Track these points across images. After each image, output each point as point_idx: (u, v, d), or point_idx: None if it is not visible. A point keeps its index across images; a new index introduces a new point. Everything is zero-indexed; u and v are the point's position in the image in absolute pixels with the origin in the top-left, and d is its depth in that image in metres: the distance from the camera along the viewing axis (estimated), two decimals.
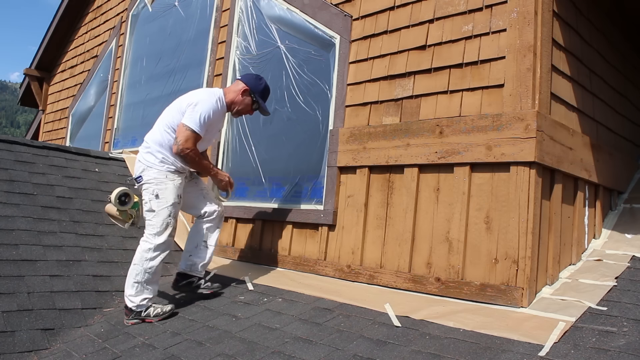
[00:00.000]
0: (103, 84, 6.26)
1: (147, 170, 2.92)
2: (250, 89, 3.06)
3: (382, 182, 2.97)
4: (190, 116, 2.87)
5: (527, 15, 2.46)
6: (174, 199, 2.89)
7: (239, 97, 3.05)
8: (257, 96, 3.08)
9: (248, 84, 3.07)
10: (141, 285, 2.81)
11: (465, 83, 2.67)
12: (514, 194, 2.39)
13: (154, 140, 2.97)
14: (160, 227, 2.84)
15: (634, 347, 1.80)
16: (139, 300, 2.81)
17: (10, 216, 3.42)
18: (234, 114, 3.13)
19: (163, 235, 2.85)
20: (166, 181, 2.89)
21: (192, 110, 2.88)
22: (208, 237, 3.10)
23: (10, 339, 2.59)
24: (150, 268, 2.82)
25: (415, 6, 2.96)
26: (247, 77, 3.14)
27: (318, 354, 2.16)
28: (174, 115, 2.96)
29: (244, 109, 3.10)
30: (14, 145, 4.18)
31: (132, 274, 2.83)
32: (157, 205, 2.85)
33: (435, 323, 2.25)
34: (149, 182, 2.90)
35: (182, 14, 5.05)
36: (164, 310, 2.84)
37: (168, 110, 3.06)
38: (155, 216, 2.85)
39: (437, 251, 2.64)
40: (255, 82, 3.09)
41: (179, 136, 2.86)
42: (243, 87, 3.05)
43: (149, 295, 2.84)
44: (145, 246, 2.84)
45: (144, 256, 2.82)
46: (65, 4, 7.20)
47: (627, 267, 2.55)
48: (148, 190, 2.89)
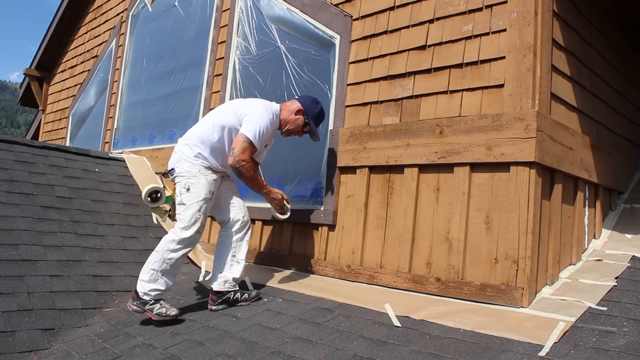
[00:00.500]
0: (103, 84, 6.26)
1: (180, 162, 2.84)
2: (305, 109, 2.97)
3: (382, 182, 2.97)
4: (248, 126, 2.77)
5: (527, 15, 2.46)
6: (205, 194, 2.80)
7: (292, 116, 2.97)
8: (310, 119, 2.98)
9: (304, 104, 2.98)
10: (157, 274, 2.74)
11: (465, 83, 2.67)
12: (514, 194, 2.39)
13: (197, 134, 2.88)
14: (188, 221, 2.76)
15: (634, 347, 1.80)
16: (149, 288, 2.73)
17: (10, 216, 3.42)
18: (283, 132, 3.03)
19: (190, 230, 2.76)
20: (199, 175, 2.81)
21: (250, 121, 2.79)
22: (237, 251, 2.95)
23: (10, 339, 2.59)
24: (170, 259, 2.75)
25: (415, 6, 2.96)
26: (304, 98, 3.05)
27: (318, 354, 2.16)
28: (229, 117, 2.87)
29: (294, 130, 3.01)
30: (14, 145, 4.18)
31: (151, 260, 2.76)
32: (187, 199, 2.78)
33: (435, 323, 2.25)
34: (181, 175, 2.83)
35: (182, 14, 5.05)
36: (168, 312, 2.74)
37: (221, 110, 2.98)
38: (185, 210, 2.78)
39: (437, 251, 2.64)
40: (312, 104, 3.00)
41: (236, 147, 2.75)
42: (298, 107, 2.97)
43: (161, 287, 2.75)
44: (171, 237, 2.77)
45: (167, 246, 2.76)
46: (65, 4, 7.20)
47: (627, 267, 2.55)
48: (180, 184, 2.82)
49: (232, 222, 2.95)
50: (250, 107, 2.88)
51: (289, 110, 2.98)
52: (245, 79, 4.05)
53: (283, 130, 3.02)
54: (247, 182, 2.84)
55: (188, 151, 2.85)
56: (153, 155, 4.93)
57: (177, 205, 2.82)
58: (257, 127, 2.78)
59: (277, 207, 3.01)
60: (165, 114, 4.99)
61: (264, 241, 3.64)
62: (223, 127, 2.85)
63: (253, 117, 2.80)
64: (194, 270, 3.72)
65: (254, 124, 2.78)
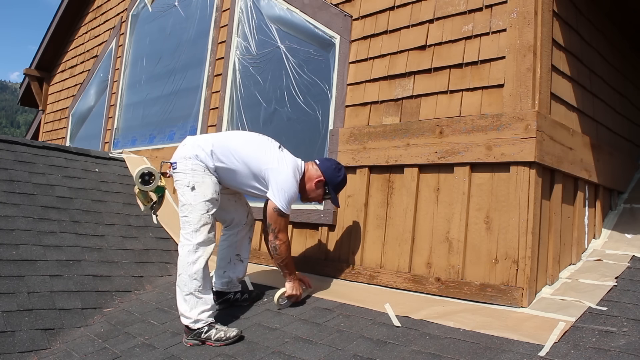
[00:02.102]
0: (103, 84, 6.26)
1: (186, 159, 2.60)
2: (326, 180, 2.75)
3: (382, 182, 2.97)
4: (280, 197, 2.57)
5: (527, 15, 2.46)
6: (212, 194, 2.58)
7: (312, 187, 2.76)
8: (330, 189, 2.76)
9: (325, 174, 2.75)
10: (193, 297, 2.47)
11: (465, 83, 2.67)
12: (514, 194, 2.39)
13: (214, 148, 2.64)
14: (197, 222, 2.52)
15: (634, 347, 1.80)
16: (196, 314, 2.46)
17: (10, 216, 3.42)
18: (303, 198, 2.85)
19: (201, 233, 2.52)
20: (204, 174, 2.59)
21: (280, 190, 2.58)
22: (241, 249, 2.89)
23: (10, 339, 2.59)
24: (196, 273, 2.48)
25: (415, 6, 2.96)
26: (326, 165, 2.79)
27: (318, 354, 2.16)
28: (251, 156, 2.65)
29: (314, 198, 2.83)
30: (14, 145, 4.18)
31: (180, 287, 2.51)
32: (193, 199, 2.54)
33: (435, 323, 2.25)
34: (184, 172, 2.58)
35: (182, 14, 5.05)
36: (227, 335, 2.43)
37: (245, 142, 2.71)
38: (192, 211, 2.53)
39: (437, 251, 2.64)
40: (334, 173, 2.76)
41: (273, 222, 2.58)
42: (319, 178, 2.74)
43: (205, 307, 2.48)
44: (185, 249, 2.52)
45: (185, 261, 2.50)
46: (65, 4, 7.20)
47: (627, 267, 2.55)
48: (182, 182, 2.58)
49: (237, 222, 2.88)
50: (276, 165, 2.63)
51: (310, 179, 2.76)
52: (245, 79, 4.05)
53: (303, 197, 2.83)
54: (280, 262, 2.63)
55: (200, 154, 2.61)
56: (153, 155, 4.93)
57: (180, 208, 2.58)
58: (287, 196, 2.59)
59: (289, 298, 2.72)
60: (165, 114, 4.99)
61: (263, 241, 3.63)
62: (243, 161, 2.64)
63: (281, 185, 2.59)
64: None
65: (284, 192, 2.58)
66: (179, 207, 2.60)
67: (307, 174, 2.78)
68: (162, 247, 3.93)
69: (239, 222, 2.88)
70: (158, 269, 3.68)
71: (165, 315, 2.91)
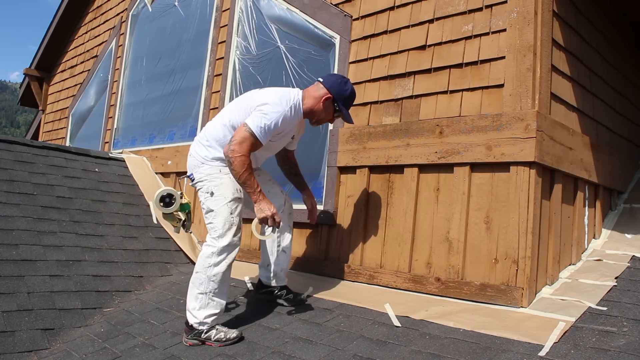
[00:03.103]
0: (103, 84, 6.26)
1: (198, 167, 2.56)
2: (333, 96, 2.57)
3: (382, 182, 2.97)
4: (255, 118, 2.43)
5: (527, 15, 2.46)
6: (232, 193, 2.49)
7: (319, 106, 2.58)
8: (340, 105, 2.59)
9: (331, 90, 2.57)
10: (206, 297, 2.42)
11: (465, 83, 2.67)
12: (514, 194, 2.39)
13: (210, 133, 2.59)
14: (222, 227, 2.44)
15: (634, 347, 1.80)
16: (203, 316, 2.42)
17: (10, 216, 3.42)
18: (313, 123, 2.69)
19: (227, 237, 2.44)
20: (220, 176, 2.51)
21: (259, 112, 2.44)
22: (281, 240, 2.74)
23: (10, 339, 2.59)
24: (215, 275, 2.42)
25: (415, 6, 2.96)
26: (331, 80, 2.61)
27: (318, 354, 2.16)
28: (240, 112, 2.54)
29: (324, 119, 2.66)
30: (14, 145, 4.18)
31: (194, 284, 2.45)
32: (214, 204, 2.47)
33: (435, 323, 2.25)
34: (201, 180, 2.54)
35: (182, 14, 5.05)
36: (227, 336, 2.41)
37: (234, 104, 2.64)
38: (215, 216, 2.47)
39: (437, 251, 2.64)
40: (340, 87, 2.59)
41: (236, 136, 2.42)
42: (325, 95, 2.57)
43: (214, 311, 2.44)
44: (208, 250, 2.45)
45: (206, 262, 2.43)
46: (65, 4, 7.20)
47: (627, 267, 2.55)
48: (202, 190, 2.54)
49: None
50: (262, 98, 2.52)
51: (315, 98, 2.59)
52: (245, 78, 4.05)
53: (312, 121, 2.68)
54: (237, 178, 2.45)
55: (204, 152, 2.57)
56: (153, 155, 4.93)
57: (205, 216, 2.52)
58: (264, 120, 2.41)
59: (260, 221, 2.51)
60: (165, 114, 4.99)
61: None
62: (231, 126, 2.54)
63: (263, 108, 2.45)
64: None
65: (261, 115, 2.43)
66: (204, 214, 2.54)
67: (310, 95, 2.60)
68: (162, 247, 3.93)
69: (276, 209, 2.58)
70: (158, 269, 3.68)
71: (165, 315, 2.91)
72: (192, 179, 2.60)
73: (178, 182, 2.88)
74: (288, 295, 2.76)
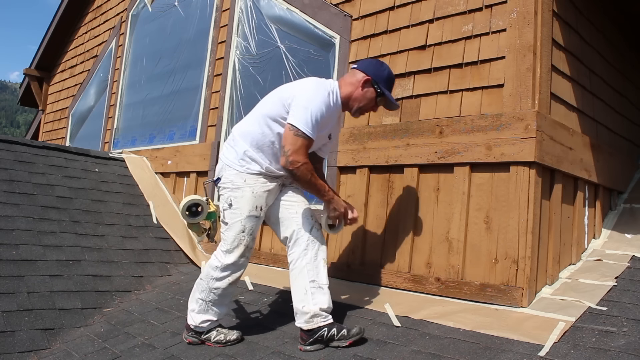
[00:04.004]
0: (103, 83, 6.26)
1: (225, 169, 2.37)
2: (372, 78, 2.32)
3: (382, 182, 2.97)
4: (297, 113, 2.19)
5: (527, 15, 2.46)
6: (249, 210, 2.29)
7: (358, 91, 2.33)
8: (381, 86, 2.33)
9: (368, 71, 2.33)
10: (205, 304, 2.37)
11: (465, 83, 2.67)
12: (514, 194, 2.39)
13: (240, 131, 2.38)
14: (230, 243, 2.30)
15: (634, 347, 1.80)
16: (200, 320, 2.39)
17: (10, 216, 3.42)
18: (354, 112, 2.41)
19: (232, 255, 2.30)
20: (243, 187, 2.30)
21: (297, 106, 2.21)
22: (316, 274, 2.30)
23: (10, 339, 2.59)
24: (217, 289, 2.34)
25: (415, 6, 2.96)
26: (366, 63, 2.41)
27: (318, 354, 2.16)
28: (274, 104, 2.31)
29: (366, 105, 2.38)
30: (14, 145, 4.18)
31: (197, 288, 2.41)
32: (229, 217, 2.32)
33: (435, 323, 2.25)
34: (224, 187, 2.34)
35: (182, 13, 5.05)
36: (227, 338, 2.39)
37: (266, 98, 2.43)
38: (227, 229, 2.32)
39: (437, 251, 2.64)
40: (377, 68, 2.36)
41: (287, 144, 2.17)
42: (363, 77, 2.33)
43: (212, 318, 2.39)
44: (213, 263, 2.35)
45: (210, 273, 2.35)
46: (65, 4, 7.19)
47: (627, 267, 2.55)
48: (223, 197, 2.35)
49: (297, 239, 2.34)
50: (297, 88, 2.30)
51: (353, 84, 2.35)
52: (245, 78, 4.05)
53: (353, 110, 2.40)
54: (305, 187, 2.29)
55: (232, 155, 2.35)
56: (153, 155, 4.93)
57: (222, 222, 2.38)
58: (309, 113, 2.17)
59: (333, 219, 2.41)
60: (165, 114, 4.99)
61: (263, 241, 3.64)
62: (268, 118, 2.30)
63: (301, 101, 2.21)
64: (194, 270, 3.72)
65: (303, 109, 2.19)
66: (221, 219, 2.40)
67: (346, 82, 2.37)
68: (162, 247, 3.93)
69: (301, 237, 2.33)
70: (158, 269, 3.68)
71: (165, 315, 2.92)
72: (217, 183, 2.42)
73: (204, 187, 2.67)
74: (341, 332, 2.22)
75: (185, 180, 4.48)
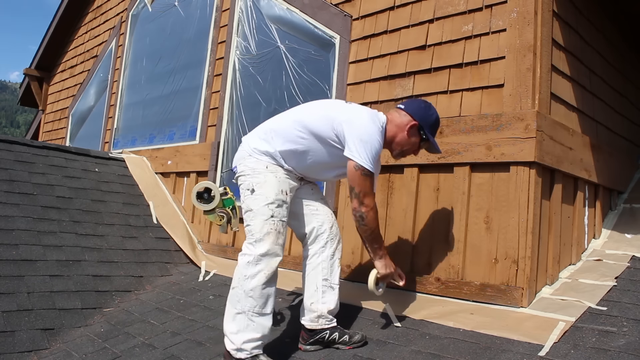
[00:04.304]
0: (103, 84, 6.26)
1: (244, 159, 2.23)
2: (419, 123, 2.23)
3: (382, 182, 2.97)
4: (359, 150, 2.06)
5: (527, 15, 2.46)
6: (275, 194, 2.14)
7: (403, 135, 2.24)
8: (427, 132, 2.25)
9: (415, 116, 2.23)
10: (245, 317, 2.04)
11: (465, 83, 2.67)
12: (514, 194, 2.39)
13: (272, 126, 2.26)
14: (259, 231, 2.10)
15: (634, 347, 1.80)
16: (241, 341, 2.02)
17: (10, 216, 3.42)
18: (395, 155, 2.33)
19: (264, 243, 2.09)
20: (265, 172, 2.17)
21: (354, 137, 2.08)
22: (330, 272, 2.26)
23: (10, 339, 2.59)
24: (253, 290, 2.05)
25: (415, 6, 2.96)
26: (414, 106, 2.28)
27: (318, 354, 2.16)
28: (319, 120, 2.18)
29: (408, 150, 2.30)
30: (14, 145, 4.18)
31: (232, 303, 2.09)
32: (254, 203, 2.14)
33: (435, 323, 2.26)
34: (243, 174, 2.21)
35: (182, 13, 5.05)
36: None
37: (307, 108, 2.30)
38: (253, 217, 2.13)
39: (437, 251, 2.64)
40: (425, 112, 2.26)
41: (356, 185, 2.08)
42: (410, 122, 2.23)
43: (255, 335, 2.04)
44: (244, 260, 2.10)
45: (242, 273, 2.08)
46: (65, 4, 7.19)
47: (627, 267, 2.55)
48: (243, 185, 2.20)
49: (317, 236, 2.29)
50: (349, 114, 2.15)
51: (398, 126, 2.24)
52: (245, 78, 4.06)
53: (395, 153, 2.32)
54: (368, 234, 2.17)
55: (256, 144, 2.22)
56: (153, 155, 4.93)
57: (244, 215, 2.19)
58: (369, 148, 2.07)
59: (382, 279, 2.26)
60: (165, 114, 4.99)
61: None
62: (310, 130, 2.17)
63: (357, 132, 2.09)
64: (194, 270, 3.72)
65: (362, 143, 2.07)
66: (243, 214, 2.20)
67: (393, 123, 2.26)
68: (162, 247, 3.93)
69: (321, 234, 2.30)
70: (158, 269, 3.68)
71: (165, 315, 2.92)
72: (235, 172, 2.29)
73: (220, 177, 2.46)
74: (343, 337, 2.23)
75: (185, 180, 4.48)
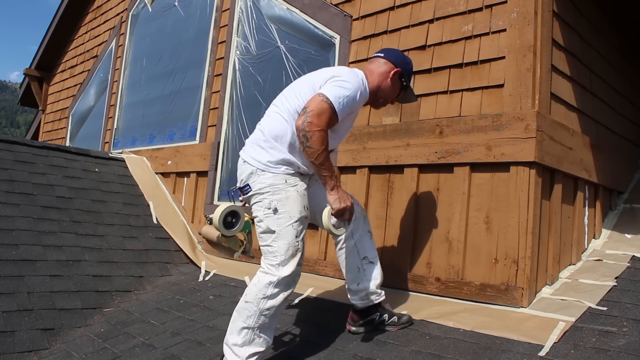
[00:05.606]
0: (103, 84, 6.26)
1: (256, 175, 2.07)
2: (401, 70, 2.23)
3: (382, 182, 2.97)
4: (332, 88, 2.03)
5: (527, 15, 2.46)
6: (299, 211, 2.05)
7: (387, 82, 2.21)
8: (407, 80, 2.27)
9: (397, 63, 2.22)
10: (252, 333, 2.01)
11: (465, 83, 2.67)
12: (514, 194, 2.39)
13: (270, 131, 2.11)
14: (284, 253, 2.01)
15: (634, 347, 1.80)
16: (247, 354, 2.00)
17: (10, 216, 3.42)
18: (378, 104, 2.30)
19: (290, 265, 2.02)
20: (286, 188, 2.05)
21: (335, 84, 2.05)
22: (366, 250, 2.27)
23: (10, 339, 2.59)
24: (269, 310, 2.01)
25: (415, 6, 2.96)
26: (394, 54, 2.27)
27: (318, 354, 2.16)
28: (303, 93, 2.10)
29: (389, 98, 2.28)
30: (14, 145, 4.18)
31: (241, 315, 2.03)
32: (277, 224, 2.03)
33: (435, 323, 2.26)
34: (261, 193, 2.06)
35: (182, 14, 5.05)
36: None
37: (288, 90, 2.20)
38: (276, 239, 2.03)
39: (437, 251, 2.64)
40: (404, 60, 2.26)
41: (311, 106, 1.98)
42: (393, 70, 2.22)
43: (259, 349, 2.02)
44: (265, 279, 2.02)
45: (262, 292, 2.01)
46: (65, 4, 7.20)
47: (627, 267, 2.55)
48: (262, 204, 2.06)
49: None
50: (331, 72, 2.14)
51: (380, 75, 2.22)
52: (245, 78, 4.06)
53: (379, 102, 2.29)
54: (314, 157, 2.00)
55: (265, 157, 2.08)
56: (153, 155, 4.93)
57: (260, 235, 2.08)
58: (342, 92, 2.02)
59: (336, 215, 2.09)
60: (165, 114, 4.99)
61: None
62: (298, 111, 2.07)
63: (336, 81, 2.06)
64: (194, 270, 3.72)
65: (338, 87, 2.03)
66: (258, 233, 2.09)
67: (374, 71, 2.23)
68: (162, 247, 3.93)
69: None
70: (158, 269, 3.68)
71: (165, 315, 2.92)
72: (246, 191, 2.11)
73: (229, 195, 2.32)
74: (392, 318, 2.27)
75: (185, 181, 4.48)
